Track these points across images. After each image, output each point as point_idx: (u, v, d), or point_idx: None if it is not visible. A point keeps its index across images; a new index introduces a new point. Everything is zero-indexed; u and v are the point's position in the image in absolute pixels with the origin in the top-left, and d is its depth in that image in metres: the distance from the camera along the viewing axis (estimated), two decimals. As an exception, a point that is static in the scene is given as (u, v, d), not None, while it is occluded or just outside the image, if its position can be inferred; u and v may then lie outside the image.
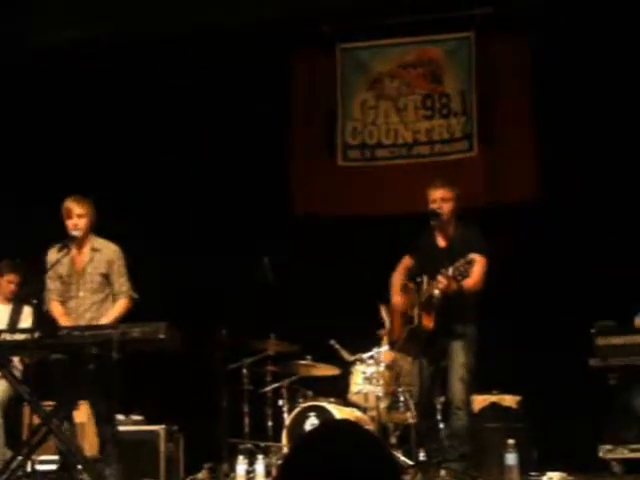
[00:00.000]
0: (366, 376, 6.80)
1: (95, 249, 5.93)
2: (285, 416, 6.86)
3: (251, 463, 6.42)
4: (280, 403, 7.02)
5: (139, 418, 7.17)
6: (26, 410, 6.31)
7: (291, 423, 6.67)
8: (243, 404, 7.07)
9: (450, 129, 8.30)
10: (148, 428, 6.98)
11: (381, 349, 6.83)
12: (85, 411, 6.26)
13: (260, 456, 6.43)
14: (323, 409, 6.62)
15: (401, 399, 6.69)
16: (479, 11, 8.11)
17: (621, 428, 6.61)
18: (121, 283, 5.92)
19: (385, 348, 6.80)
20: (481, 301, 6.02)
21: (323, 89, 8.57)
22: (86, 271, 5.89)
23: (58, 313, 5.88)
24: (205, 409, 7.06)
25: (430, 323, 5.93)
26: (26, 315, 6.70)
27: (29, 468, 6.12)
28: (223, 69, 8.38)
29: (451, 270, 5.66)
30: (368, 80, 8.54)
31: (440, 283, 5.75)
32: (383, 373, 6.77)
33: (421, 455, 5.97)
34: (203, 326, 6.79)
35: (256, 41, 8.27)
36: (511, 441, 5.81)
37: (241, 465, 6.37)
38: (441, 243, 6.15)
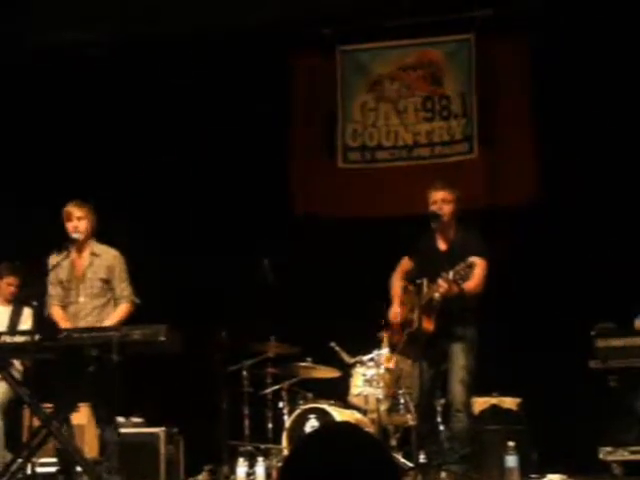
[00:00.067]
0: (366, 378, 6.78)
1: (95, 254, 5.93)
2: (285, 418, 6.85)
3: (251, 465, 6.42)
4: (280, 405, 7.02)
5: (139, 420, 7.17)
6: (26, 412, 6.29)
7: (291, 425, 6.66)
8: (243, 406, 7.06)
9: (450, 131, 8.30)
10: (148, 430, 6.98)
11: (381, 351, 6.82)
12: (85, 413, 6.26)
13: (260, 458, 6.43)
14: (323, 411, 6.61)
15: (401, 401, 6.67)
16: (479, 13, 8.11)
17: (621, 430, 6.59)
18: (122, 288, 5.92)
19: (385, 350, 6.78)
20: (481, 303, 6.01)
21: (323, 90, 8.57)
22: (86, 276, 5.90)
23: (59, 317, 5.88)
24: (205, 411, 7.05)
25: (430, 326, 5.92)
26: (26, 317, 6.68)
27: (29, 471, 6.10)
28: (223, 69, 8.37)
29: (452, 274, 5.64)
30: (368, 82, 8.54)
31: (441, 287, 5.74)
32: (383, 375, 6.75)
33: (421, 457, 5.95)
34: (203, 327, 6.79)
35: (256, 42, 8.27)
36: (511, 443, 5.81)
37: (241, 467, 6.37)
38: (442, 246, 6.13)
